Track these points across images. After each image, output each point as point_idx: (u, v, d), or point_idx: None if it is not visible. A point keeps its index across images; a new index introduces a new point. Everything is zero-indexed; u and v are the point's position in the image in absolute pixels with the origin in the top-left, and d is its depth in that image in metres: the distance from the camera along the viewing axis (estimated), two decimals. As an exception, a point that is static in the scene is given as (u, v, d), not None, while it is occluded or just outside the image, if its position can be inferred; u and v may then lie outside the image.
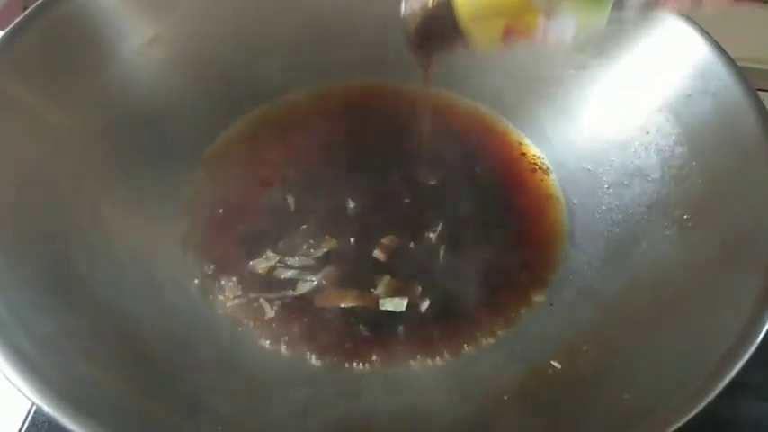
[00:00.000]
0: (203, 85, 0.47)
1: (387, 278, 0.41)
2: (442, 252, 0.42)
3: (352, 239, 0.43)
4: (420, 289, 0.41)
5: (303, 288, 0.41)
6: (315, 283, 0.41)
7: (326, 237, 0.43)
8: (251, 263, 0.41)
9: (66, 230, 0.37)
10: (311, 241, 0.43)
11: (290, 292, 0.41)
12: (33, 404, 0.33)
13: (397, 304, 0.40)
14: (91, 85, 0.42)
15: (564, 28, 0.26)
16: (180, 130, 0.45)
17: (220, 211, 0.44)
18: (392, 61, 0.49)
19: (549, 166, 0.47)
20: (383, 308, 0.40)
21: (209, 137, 0.47)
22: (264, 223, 0.43)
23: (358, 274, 0.41)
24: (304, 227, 0.43)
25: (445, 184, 0.46)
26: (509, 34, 0.27)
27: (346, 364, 0.38)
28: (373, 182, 0.45)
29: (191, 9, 0.47)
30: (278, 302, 0.40)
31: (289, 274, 0.41)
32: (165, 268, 0.40)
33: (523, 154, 0.48)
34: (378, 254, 0.42)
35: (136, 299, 0.37)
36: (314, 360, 0.38)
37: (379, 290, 0.41)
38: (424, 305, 0.40)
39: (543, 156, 0.48)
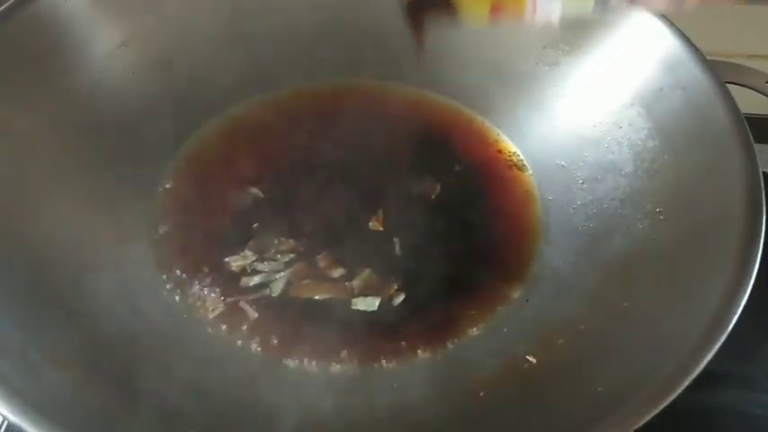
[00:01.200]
0: (174, 88, 0.46)
1: (366, 272, 0.41)
2: (417, 249, 0.42)
3: (326, 238, 0.43)
4: (395, 287, 0.41)
5: (278, 287, 0.40)
6: (287, 279, 0.41)
7: (300, 238, 0.42)
8: (226, 259, 0.41)
9: (33, 234, 0.37)
10: (276, 241, 0.42)
11: (266, 292, 0.40)
12: (5, 420, 0.33)
13: (369, 304, 0.40)
14: (59, 90, 0.42)
15: (552, 7, 0.27)
16: (150, 133, 0.45)
17: (191, 213, 0.44)
18: (366, 61, 0.49)
19: (525, 163, 0.47)
20: (354, 308, 0.40)
21: (180, 140, 0.47)
22: (236, 225, 0.43)
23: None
24: (276, 229, 0.43)
25: (423, 182, 0.46)
26: (497, 9, 0.28)
27: (323, 365, 0.38)
28: (348, 182, 0.45)
29: (161, 14, 0.46)
30: (254, 303, 0.40)
31: (260, 277, 0.41)
32: (136, 271, 0.40)
33: (500, 151, 0.48)
34: (333, 273, 0.41)
35: (106, 303, 0.37)
36: (290, 361, 0.38)
37: (356, 282, 0.41)
38: (399, 302, 0.40)
39: (519, 152, 0.48)
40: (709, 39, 0.43)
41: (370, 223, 0.43)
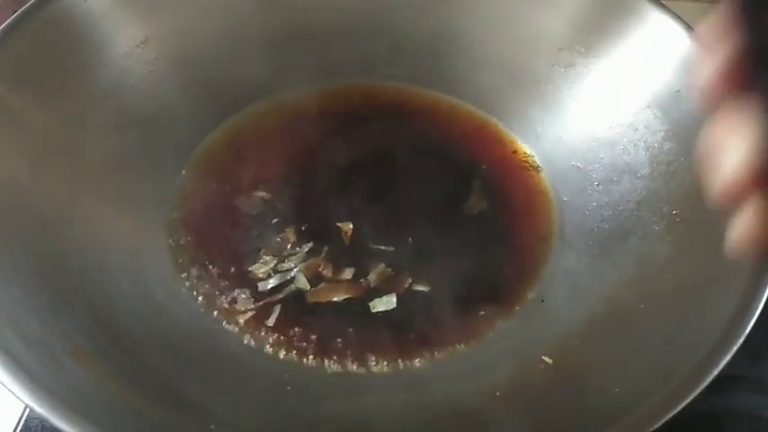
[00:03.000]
0: (192, 87, 0.47)
1: (381, 266, 0.41)
2: (432, 248, 0.43)
3: (342, 238, 0.43)
4: (410, 281, 0.41)
5: (300, 282, 0.41)
6: (305, 278, 0.41)
7: (314, 237, 0.43)
8: (249, 269, 0.41)
9: (53, 232, 0.37)
10: (292, 240, 0.43)
11: (291, 290, 0.41)
12: (26, 406, 0.33)
13: (387, 302, 0.40)
14: (78, 87, 0.42)
15: None
16: (169, 131, 0.45)
17: (209, 213, 0.44)
18: (379, 63, 0.49)
19: (540, 164, 0.47)
20: (374, 310, 0.40)
21: (198, 138, 0.47)
22: (254, 226, 0.43)
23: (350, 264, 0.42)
24: (291, 230, 0.43)
25: (437, 183, 0.46)
26: None
27: (343, 365, 0.38)
28: (362, 182, 0.45)
29: (180, 13, 0.47)
30: (274, 304, 0.40)
31: (279, 277, 0.41)
32: (155, 270, 0.40)
33: (514, 152, 0.48)
34: (347, 272, 0.42)
35: (125, 301, 0.37)
36: (311, 361, 0.38)
37: (372, 277, 0.41)
38: (414, 302, 0.40)
39: (534, 154, 0.48)
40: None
41: (376, 224, 0.43)
